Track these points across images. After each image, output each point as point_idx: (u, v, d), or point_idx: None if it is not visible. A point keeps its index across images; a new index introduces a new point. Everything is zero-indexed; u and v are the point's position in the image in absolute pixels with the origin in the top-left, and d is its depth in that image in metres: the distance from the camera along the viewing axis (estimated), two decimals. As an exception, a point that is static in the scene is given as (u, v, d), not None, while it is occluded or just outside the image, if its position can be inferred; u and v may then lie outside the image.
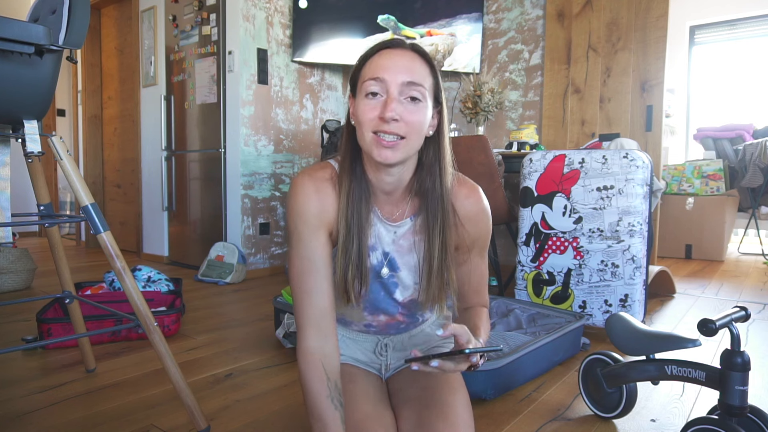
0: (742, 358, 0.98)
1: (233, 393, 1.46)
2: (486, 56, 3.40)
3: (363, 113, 0.82)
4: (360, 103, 0.83)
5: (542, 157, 2.12)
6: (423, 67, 0.83)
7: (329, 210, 0.87)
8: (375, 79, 0.80)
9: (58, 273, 1.48)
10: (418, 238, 0.93)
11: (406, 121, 0.80)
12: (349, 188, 0.87)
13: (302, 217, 0.86)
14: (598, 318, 1.99)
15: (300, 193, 0.86)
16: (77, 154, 4.49)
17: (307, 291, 0.85)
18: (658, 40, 2.78)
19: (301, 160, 3.49)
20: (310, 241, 0.86)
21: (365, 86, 0.82)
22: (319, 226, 0.86)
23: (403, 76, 0.80)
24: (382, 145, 0.80)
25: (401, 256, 0.93)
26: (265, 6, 3.19)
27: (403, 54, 0.83)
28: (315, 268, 0.86)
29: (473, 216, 0.93)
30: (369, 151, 0.82)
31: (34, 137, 1.11)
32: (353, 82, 0.87)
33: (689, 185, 4.18)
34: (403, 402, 0.93)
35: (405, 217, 0.93)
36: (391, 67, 0.81)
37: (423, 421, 0.86)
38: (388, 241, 0.92)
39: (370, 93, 0.81)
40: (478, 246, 0.95)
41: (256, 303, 2.56)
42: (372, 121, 0.80)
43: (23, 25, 0.96)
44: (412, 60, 0.82)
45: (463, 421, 0.87)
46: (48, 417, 1.29)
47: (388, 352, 1.04)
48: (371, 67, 0.83)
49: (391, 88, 0.80)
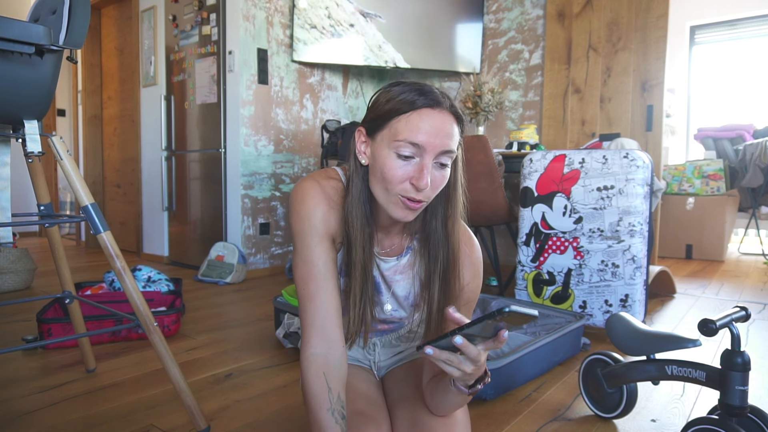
0: (743, 358, 0.98)
1: (233, 393, 1.46)
2: (486, 56, 3.40)
3: (392, 172, 0.77)
4: (388, 159, 0.78)
5: (542, 157, 2.12)
6: (457, 131, 0.80)
7: (334, 219, 0.86)
8: (413, 144, 0.76)
9: (58, 273, 1.48)
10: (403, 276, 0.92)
11: (434, 187, 0.79)
12: (362, 233, 0.84)
13: (309, 222, 0.84)
14: (598, 318, 1.99)
15: (308, 197, 0.84)
16: (77, 154, 4.49)
17: (311, 296, 0.83)
18: (658, 40, 2.78)
19: (301, 160, 3.49)
20: (316, 246, 0.84)
21: (398, 146, 0.76)
22: (324, 233, 0.84)
23: (441, 147, 0.77)
24: (407, 207, 0.78)
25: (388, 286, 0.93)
26: (265, 6, 3.19)
27: (443, 119, 0.77)
28: (319, 273, 0.84)
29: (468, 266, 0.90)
30: (388, 208, 0.80)
31: (35, 137, 1.11)
32: (376, 123, 0.80)
33: (689, 185, 4.18)
34: (398, 401, 0.93)
35: (394, 254, 0.91)
36: (431, 134, 0.76)
37: (417, 420, 0.86)
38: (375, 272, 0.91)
39: (405, 155, 0.77)
40: (465, 295, 0.90)
41: (256, 303, 2.56)
42: (402, 185, 0.77)
43: (23, 25, 0.96)
44: (451, 125, 0.78)
45: (458, 420, 0.87)
46: (48, 417, 1.29)
47: (376, 350, 1.05)
48: (409, 126, 0.76)
49: (427, 158, 0.76)
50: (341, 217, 0.86)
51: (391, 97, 0.79)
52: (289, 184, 3.43)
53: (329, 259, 0.85)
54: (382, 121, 0.79)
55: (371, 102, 0.83)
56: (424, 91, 0.78)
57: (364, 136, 0.83)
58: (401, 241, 0.91)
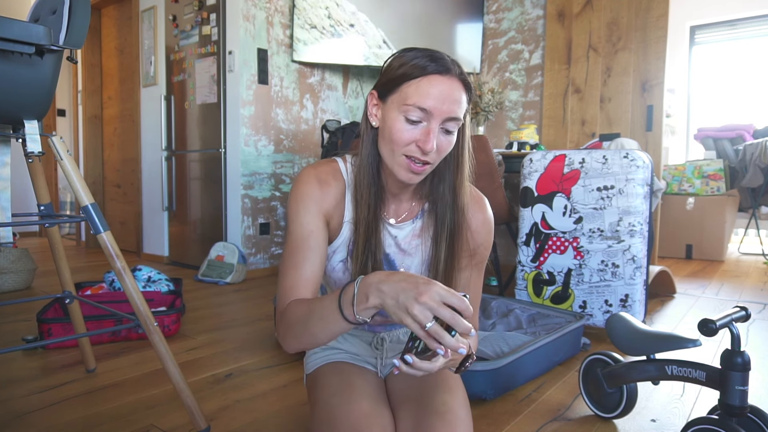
0: (743, 358, 0.98)
1: (233, 393, 1.46)
2: (486, 56, 3.40)
3: (399, 135, 0.80)
4: (396, 121, 0.81)
5: (542, 157, 2.12)
6: (465, 98, 0.82)
7: (329, 201, 0.89)
8: (421, 108, 0.78)
9: (58, 273, 1.48)
10: (420, 240, 0.94)
11: (439, 151, 0.82)
12: (369, 193, 0.87)
13: (302, 202, 0.87)
14: (598, 318, 1.99)
15: (302, 182, 0.88)
16: (77, 154, 4.49)
17: (295, 265, 0.84)
18: (658, 40, 2.78)
19: (302, 160, 3.49)
20: (308, 223, 0.86)
21: (407, 110, 0.79)
22: (317, 212, 0.87)
23: (448, 113, 0.79)
24: (411, 170, 0.81)
25: (402, 259, 0.94)
26: (265, 6, 3.19)
27: (452, 85, 0.79)
28: (308, 246, 0.85)
29: (479, 222, 0.94)
30: (394, 169, 0.83)
31: (35, 137, 1.11)
32: (387, 87, 0.83)
33: (689, 185, 4.18)
34: (401, 401, 0.93)
35: (409, 219, 0.94)
36: (439, 100, 0.78)
37: (420, 421, 0.86)
38: (389, 242, 0.93)
39: (412, 119, 0.79)
40: (478, 255, 0.95)
41: (256, 303, 2.56)
42: (408, 146, 0.81)
43: (24, 25, 0.96)
44: (459, 92, 0.80)
45: (461, 421, 0.87)
46: (48, 417, 1.29)
47: (384, 345, 1.05)
48: (418, 91, 0.79)
49: (434, 123, 0.79)
50: (338, 196, 0.89)
51: (403, 62, 0.81)
52: (289, 184, 3.43)
53: (320, 237, 0.87)
54: (394, 85, 0.82)
55: (385, 66, 0.86)
56: (435, 58, 0.80)
57: (376, 99, 0.86)
58: (413, 206, 0.94)
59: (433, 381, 0.93)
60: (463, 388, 0.95)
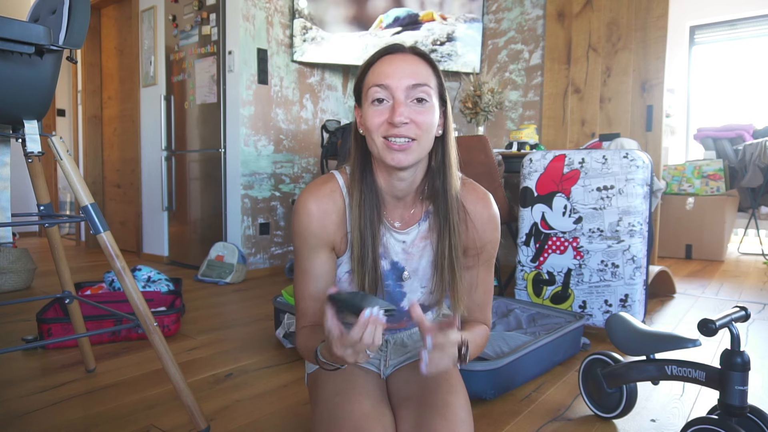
0: (742, 358, 0.98)
1: (233, 393, 1.46)
2: (486, 56, 3.40)
3: (371, 120, 0.83)
4: (367, 111, 0.84)
5: (542, 157, 2.12)
6: (426, 69, 0.84)
7: (330, 227, 0.90)
8: (380, 86, 0.81)
9: (58, 273, 1.48)
10: (428, 241, 0.94)
11: (416, 123, 0.82)
12: (360, 199, 0.89)
13: (301, 237, 0.90)
14: (598, 318, 1.99)
15: (301, 213, 0.90)
16: (77, 154, 4.49)
17: (305, 297, 0.93)
18: (658, 40, 2.78)
19: (301, 160, 3.49)
20: (310, 258, 0.91)
21: (370, 93, 0.83)
22: (318, 245, 0.90)
23: (408, 80, 0.81)
24: (393, 149, 0.82)
25: (411, 264, 0.95)
26: (265, 6, 3.19)
27: (404, 58, 0.83)
28: (314, 278, 0.91)
29: (485, 220, 0.94)
30: (381, 157, 0.84)
31: (34, 137, 1.11)
32: (357, 91, 0.88)
33: (689, 185, 4.18)
34: (402, 401, 0.93)
35: (414, 222, 0.94)
36: (394, 72, 0.81)
37: (422, 421, 0.86)
38: (397, 250, 0.94)
39: (376, 100, 0.82)
40: (486, 252, 0.96)
41: (256, 303, 2.56)
42: (381, 127, 0.82)
43: (23, 25, 0.96)
44: (414, 63, 0.83)
45: (462, 421, 0.87)
46: (48, 417, 1.29)
47: (388, 347, 1.05)
48: (374, 74, 0.83)
49: (397, 92, 0.81)
50: (338, 219, 0.91)
51: (364, 62, 0.88)
52: (289, 184, 3.43)
53: (324, 268, 0.92)
54: (360, 84, 0.87)
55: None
56: (388, 45, 0.86)
57: (357, 109, 0.90)
58: (417, 209, 0.95)
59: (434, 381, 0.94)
60: (464, 388, 0.95)
